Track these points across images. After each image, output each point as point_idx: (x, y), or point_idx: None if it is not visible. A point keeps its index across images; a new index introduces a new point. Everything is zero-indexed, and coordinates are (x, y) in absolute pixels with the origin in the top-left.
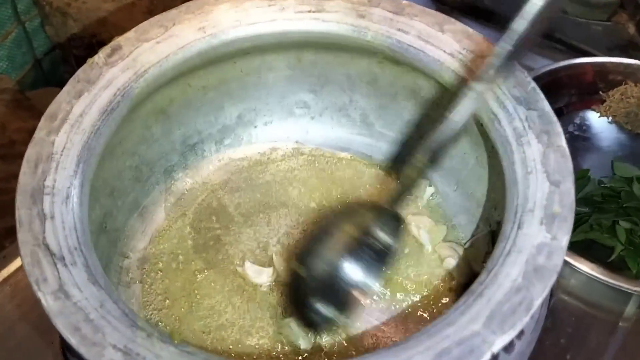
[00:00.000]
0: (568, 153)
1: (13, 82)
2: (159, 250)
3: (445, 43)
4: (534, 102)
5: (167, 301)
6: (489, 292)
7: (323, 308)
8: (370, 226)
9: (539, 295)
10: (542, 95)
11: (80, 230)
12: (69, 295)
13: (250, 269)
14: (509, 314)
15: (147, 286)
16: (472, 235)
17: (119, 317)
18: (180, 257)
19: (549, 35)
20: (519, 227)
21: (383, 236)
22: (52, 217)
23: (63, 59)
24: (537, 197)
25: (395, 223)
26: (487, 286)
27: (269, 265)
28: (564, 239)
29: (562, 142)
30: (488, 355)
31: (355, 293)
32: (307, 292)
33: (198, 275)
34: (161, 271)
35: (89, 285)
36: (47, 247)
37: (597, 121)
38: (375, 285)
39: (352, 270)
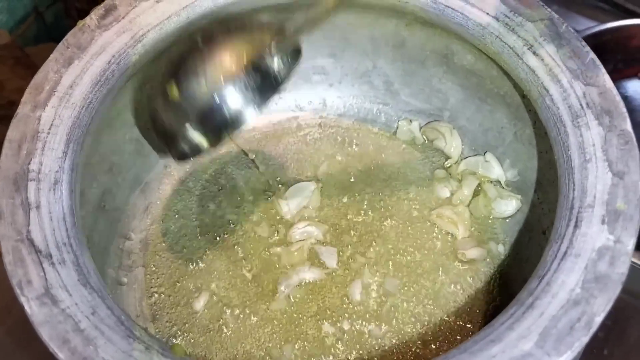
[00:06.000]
0: (634, 139)
1: (12, 37)
2: (162, 230)
3: (488, 3)
4: (594, 77)
5: (173, 287)
6: (541, 303)
7: (193, 135)
8: (267, 49)
9: (601, 310)
10: (602, 69)
11: (70, 222)
12: (56, 301)
13: None
14: (565, 331)
15: (150, 270)
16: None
17: (113, 325)
18: (186, 238)
19: None
20: (576, 226)
21: (278, 63)
22: (38, 207)
23: (66, 12)
24: (597, 190)
25: (294, 51)
26: (538, 297)
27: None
28: (630, 243)
29: (627, 125)
30: None
31: (233, 119)
32: (178, 116)
33: (205, 259)
34: (165, 254)
35: (80, 287)
36: (31, 242)
37: None
38: (256, 113)
39: (235, 95)
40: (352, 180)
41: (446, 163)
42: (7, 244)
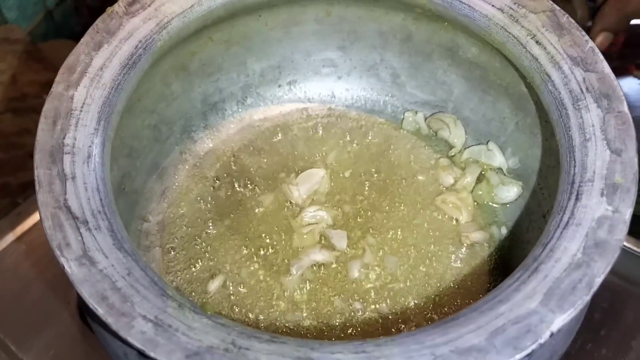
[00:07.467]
0: (630, 119)
1: (24, 32)
2: (178, 213)
3: None
4: (593, 64)
5: (188, 267)
6: (545, 267)
7: None
8: None
9: (601, 272)
10: (601, 56)
11: (103, 192)
12: (94, 262)
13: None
14: (568, 291)
15: (167, 251)
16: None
17: (147, 285)
18: (201, 221)
19: None
20: (577, 199)
21: None
22: (74, 178)
23: (75, 9)
24: (597, 166)
25: None
26: (543, 261)
27: (291, 232)
28: (627, 212)
29: (624, 107)
30: (547, 335)
31: None
32: None
33: (218, 241)
34: (181, 235)
35: (115, 251)
36: (68, 209)
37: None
38: None
39: None
40: (360, 168)
41: (450, 152)
42: (46, 210)
